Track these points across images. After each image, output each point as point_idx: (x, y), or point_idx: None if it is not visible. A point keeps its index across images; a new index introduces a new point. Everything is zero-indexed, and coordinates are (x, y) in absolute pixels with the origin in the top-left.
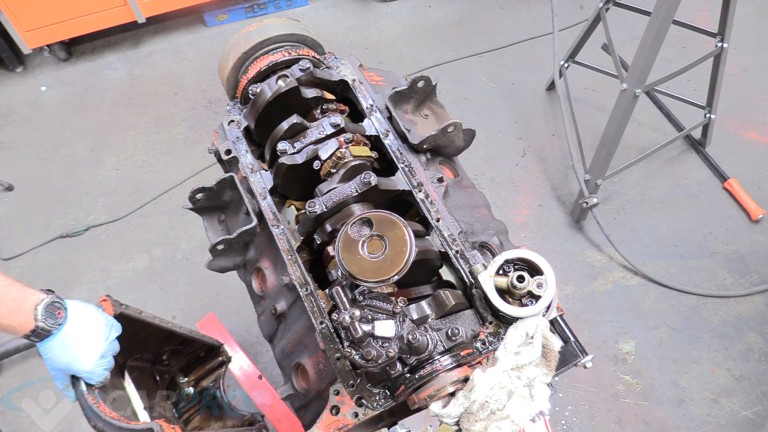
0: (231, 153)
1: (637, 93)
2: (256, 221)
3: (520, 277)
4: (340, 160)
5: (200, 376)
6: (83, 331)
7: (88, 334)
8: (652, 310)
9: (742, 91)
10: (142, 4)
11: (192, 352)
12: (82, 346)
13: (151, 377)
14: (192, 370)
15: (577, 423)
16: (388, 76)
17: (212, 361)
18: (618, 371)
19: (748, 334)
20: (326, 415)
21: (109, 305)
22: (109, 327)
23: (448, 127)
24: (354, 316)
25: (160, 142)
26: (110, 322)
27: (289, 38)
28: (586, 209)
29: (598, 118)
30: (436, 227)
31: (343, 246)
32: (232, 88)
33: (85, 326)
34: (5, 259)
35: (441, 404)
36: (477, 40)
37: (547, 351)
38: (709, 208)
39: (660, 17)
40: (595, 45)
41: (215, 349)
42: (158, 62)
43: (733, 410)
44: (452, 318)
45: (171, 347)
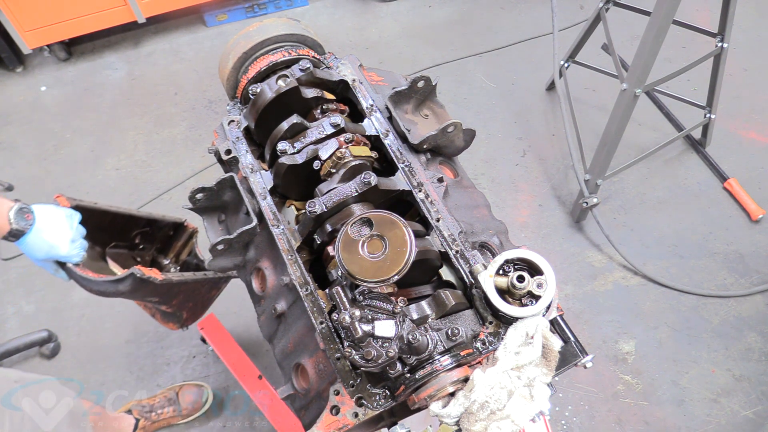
0: (231, 153)
1: (637, 93)
2: (256, 221)
3: (520, 277)
4: (340, 160)
5: (177, 252)
6: (51, 225)
7: (55, 225)
8: (652, 310)
9: (742, 91)
10: (142, 4)
11: (161, 233)
12: (54, 235)
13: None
14: (168, 250)
15: (577, 423)
16: (388, 76)
17: (182, 236)
18: (618, 371)
19: (748, 334)
20: (326, 415)
21: (64, 200)
22: (70, 216)
23: (448, 127)
24: (354, 316)
25: (160, 142)
26: (69, 213)
27: (289, 38)
28: (586, 209)
29: (598, 118)
30: (436, 227)
31: (343, 246)
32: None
33: (51, 221)
34: (5, 259)
35: (441, 404)
36: (477, 40)
37: (547, 351)
38: (709, 208)
39: (660, 17)
40: (595, 45)
41: (181, 226)
42: (158, 62)
43: (733, 410)
44: (452, 318)
45: (138, 230)
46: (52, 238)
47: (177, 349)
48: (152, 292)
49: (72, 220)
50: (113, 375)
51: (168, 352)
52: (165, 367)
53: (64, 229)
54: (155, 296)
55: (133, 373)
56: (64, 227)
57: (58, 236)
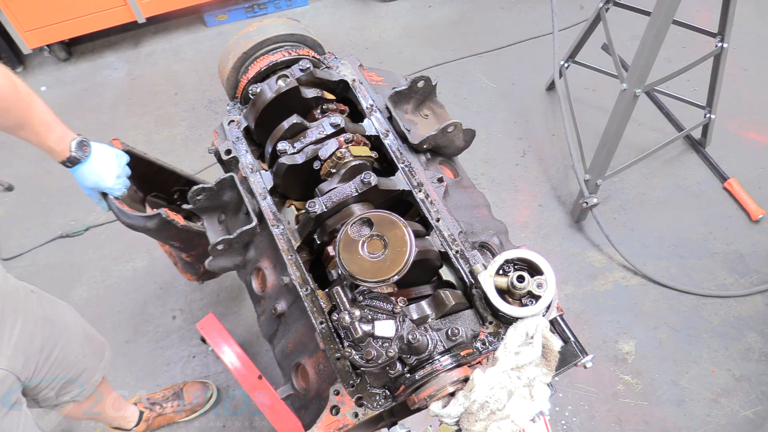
0: (231, 153)
1: (637, 93)
2: (256, 221)
3: (520, 277)
4: (340, 160)
5: None
6: (102, 160)
7: (106, 161)
8: (652, 310)
9: (742, 91)
10: (142, 4)
11: None
12: (103, 169)
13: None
14: None
15: (577, 423)
16: (388, 76)
17: None
18: (618, 371)
19: (748, 334)
20: (326, 415)
21: (118, 143)
22: (120, 156)
23: (448, 127)
24: (354, 316)
25: (160, 142)
26: (120, 153)
27: (289, 38)
28: (586, 209)
29: (598, 118)
30: (436, 227)
31: (343, 246)
32: (232, 88)
33: (103, 157)
34: (5, 259)
35: (441, 404)
36: (477, 40)
37: (547, 351)
38: (709, 208)
39: (660, 17)
40: (595, 45)
41: None
42: (158, 62)
43: (733, 410)
44: (452, 318)
45: (179, 187)
46: (101, 171)
47: (177, 349)
48: (175, 236)
49: (120, 159)
50: (113, 375)
51: (168, 352)
52: (165, 367)
53: (112, 166)
54: (177, 241)
55: (133, 373)
56: (113, 164)
57: (106, 170)
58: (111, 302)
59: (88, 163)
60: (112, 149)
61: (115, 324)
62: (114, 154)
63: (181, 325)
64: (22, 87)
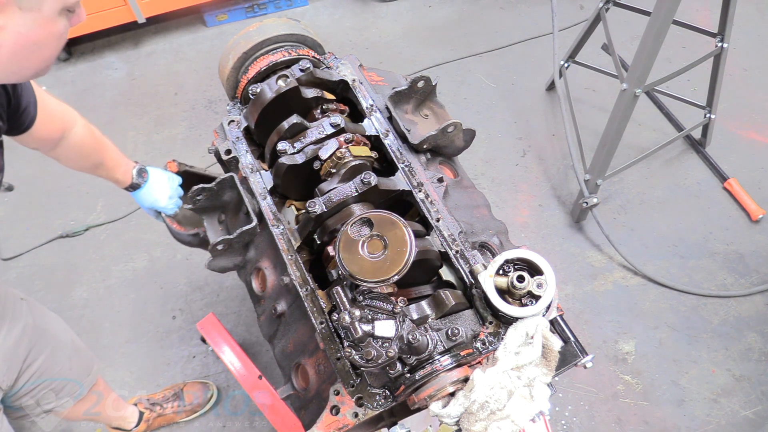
0: (231, 153)
1: (637, 93)
2: (256, 221)
3: (520, 277)
4: (340, 160)
5: None
6: (157, 184)
7: (161, 185)
8: (652, 310)
9: (742, 91)
10: (142, 4)
11: None
12: (158, 192)
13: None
14: None
15: (577, 423)
16: (388, 76)
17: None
18: (618, 371)
19: (748, 334)
20: (326, 415)
21: (174, 165)
22: (172, 179)
23: (448, 127)
24: (354, 316)
25: (160, 142)
26: (172, 176)
27: (289, 38)
28: (586, 209)
29: (598, 118)
30: (436, 227)
31: (343, 246)
32: (232, 88)
33: (158, 181)
34: (5, 259)
35: (441, 404)
36: (477, 40)
37: (547, 351)
38: (709, 208)
39: (660, 17)
40: (595, 45)
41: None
42: (158, 62)
43: (733, 410)
44: (452, 318)
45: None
46: (157, 194)
47: (177, 349)
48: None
49: (173, 182)
50: (113, 375)
51: (168, 352)
52: (165, 367)
53: (166, 189)
54: None
55: (133, 373)
56: (166, 187)
57: (161, 193)
58: (111, 302)
59: (146, 188)
60: (165, 173)
61: (115, 324)
62: (167, 178)
63: (181, 325)
64: (97, 133)
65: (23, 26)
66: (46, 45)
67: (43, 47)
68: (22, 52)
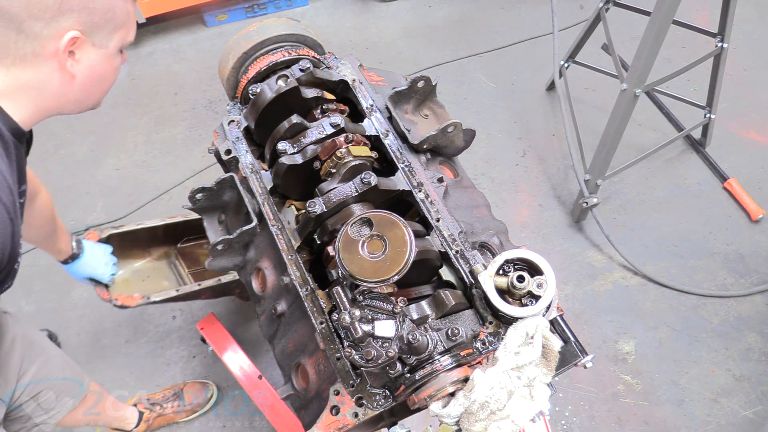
0: (231, 153)
1: (637, 93)
2: (256, 221)
3: (520, 277)
4: (340, 160)
5: None
6: (93, 255)
7: (96, 255)
8: (652, 310)
9: (742, 91)
10: (142, 4)
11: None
12: (95, 262)
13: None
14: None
15: (577, 423)
16: (388, 76)
17: None
18: (618, 371)
19: (748, 334)
20: (326, 415)
21: (95, 235)
22: (104, 248)
23: (448, 127)
24: (354, 316)
25: (160, 142)
26: (102, 246)
27: (289, 38)
28: (586, 209)
29: (598, 118)
30: (436, 227)
31: (343, 246)
32: (232, 88)
33: (93, 251)
34: None
35: (441, 404)
36: (477, 40)
37: (547, 351)
38: (709, 208)
39: (660, 17)
40: (595, 45)
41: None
42: (158, 62)
43: (733, 410)
44: (452, 318)
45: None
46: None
47: (177, 349)
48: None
49: (105, 251)
50: (113, 375)
51: (168, 352)
52: (165, 367)
53: (101, 258)
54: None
55: (133, 373)
56: (101, 256)
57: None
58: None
59: (82, 259)
60: (97, 244)
61: (115, 324)
62: (99, 248)
63: (181, 325)
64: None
65: (95, 60)
66: (108, 78)
67: (105, 80)
68: (91, 83)
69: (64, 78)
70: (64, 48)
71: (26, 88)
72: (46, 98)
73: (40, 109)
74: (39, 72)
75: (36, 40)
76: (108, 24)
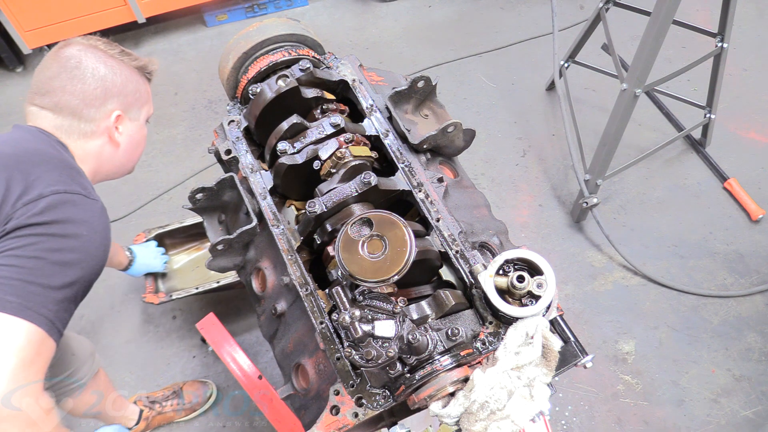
0: (231, 153)
1: (637, 93)
2: (256, 221)
3: (520, 277)
4: (340, 160)
5: None
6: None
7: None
8: (652, 310)
9: (742, 91)
10: (142, 4)
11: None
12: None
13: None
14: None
15: (577, 423)
16: (388, 76)
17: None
18: (618, 371)
19: (748, 334)
20: (326, 415)
21: (142, 236)
22: (149, 246)
23: (448, 127)
24: (354, 316)
25: (160, 142)
26: (148, 244)
27: (289, 38)
28: (586, 209)
29: (598, 118)
30: (436, 227)
31: (343, 246)
32: (232, 88)
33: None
34: None
35: (441, 404)
36: (477, 40)
37: (547, 351)
38: (709, 208)
39: (660, 17)
40: (595, 45)
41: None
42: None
43: (733, 410)
44: (452, 318)
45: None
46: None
47: (177, 349)
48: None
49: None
50: (113, 375)
51: (168, 352)
52: (165, 367)
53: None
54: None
55: (133, 373)
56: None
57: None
58: (111, 302)
59: (138, 260)
60: (142, 244)
61: (115, 324)
62: (146, 246)
63: (181, 325)
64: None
65: (132, 130)
66: (141, 143)
67: (140, 145)
68: (131, 149)
69: (113, 146)
70: (113, 123)
71: (89, 156)
72: (102, 163)
73: (96, 171)
74: (96, 143)
75: (93, 121)
76: (137, 102)
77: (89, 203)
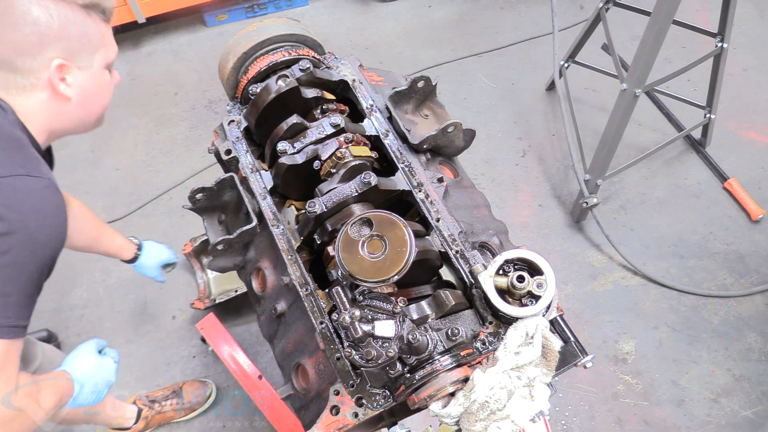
0: (231, 153)
1: (637, 93)
2: (256, 221)
3: (520, 277)
4: (340, 160)
5: None
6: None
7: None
8: (652, 310)
9: (742, 91)
10: (142, 4)
11: None
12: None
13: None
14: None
15: (577, 423)
16: (388, 76)
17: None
18: (618, 371)
19: (748, 334)
20: (326, 415)
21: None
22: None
23: (448, 127)
24: (354, 316)
25: (160, 142)
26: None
27: (289, 38)
28: (586, 209)
29: (598, 118)
30: (436, 227)
31: (343, 246)
32: (232, 88)
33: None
34: None
35: (441, 404)
36: (477, 40)
37: (547, 351)
38: (709, 208)
39: (660, 17)
40: (595, 45)
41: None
42: (158, 62)
43: (733, 410)
44: (452, 318)
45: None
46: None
47: (177, 349)
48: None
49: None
50: None
51: (168, 352)
52: (165, 367)
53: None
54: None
55: (133, 373)
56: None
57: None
58: (111, 302)
59: (146, 248)
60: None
61: (115, 324)
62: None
63: (181, 325)
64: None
65: (84, 81)
66: (101, 94)
67: (99, 96)
68: (87, 101)
69: (61, 100)
70: (54, 74)
71: (34, 113)
72: (53, 119)
73: (48, 130)
74: (40, 98)
75: (30, 73)
76: (86, 47)
77: (29, 183)
